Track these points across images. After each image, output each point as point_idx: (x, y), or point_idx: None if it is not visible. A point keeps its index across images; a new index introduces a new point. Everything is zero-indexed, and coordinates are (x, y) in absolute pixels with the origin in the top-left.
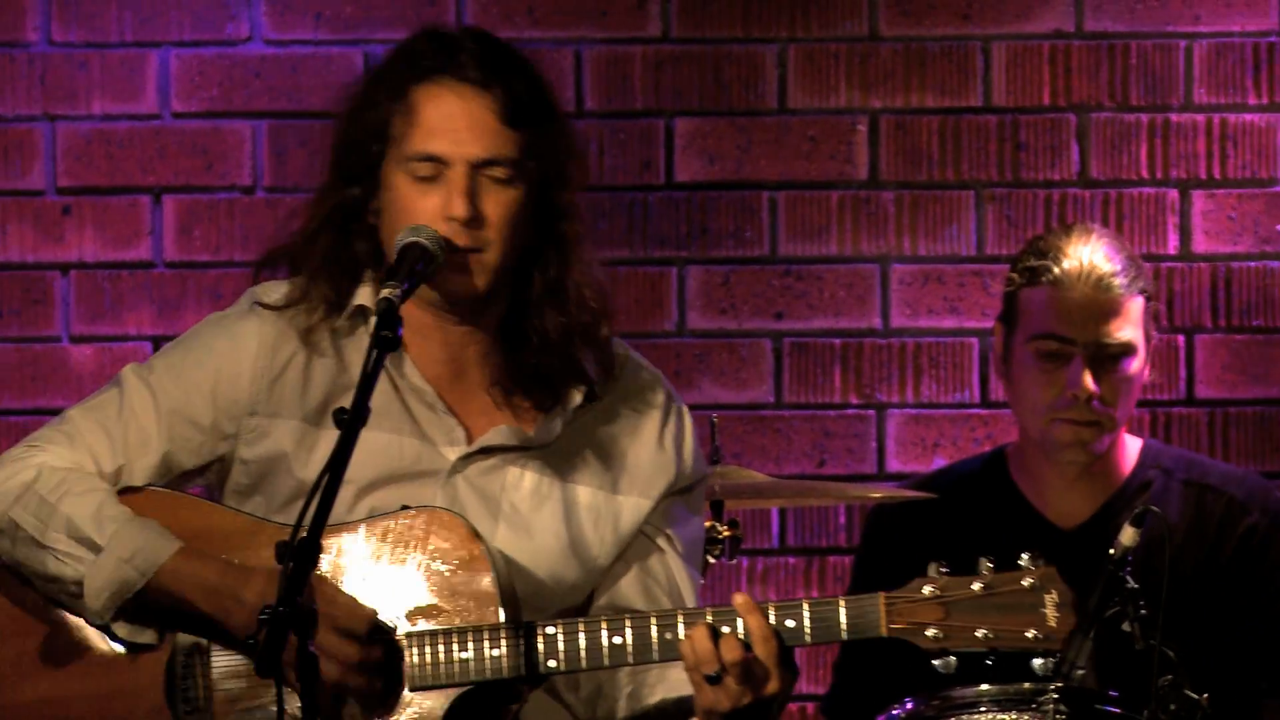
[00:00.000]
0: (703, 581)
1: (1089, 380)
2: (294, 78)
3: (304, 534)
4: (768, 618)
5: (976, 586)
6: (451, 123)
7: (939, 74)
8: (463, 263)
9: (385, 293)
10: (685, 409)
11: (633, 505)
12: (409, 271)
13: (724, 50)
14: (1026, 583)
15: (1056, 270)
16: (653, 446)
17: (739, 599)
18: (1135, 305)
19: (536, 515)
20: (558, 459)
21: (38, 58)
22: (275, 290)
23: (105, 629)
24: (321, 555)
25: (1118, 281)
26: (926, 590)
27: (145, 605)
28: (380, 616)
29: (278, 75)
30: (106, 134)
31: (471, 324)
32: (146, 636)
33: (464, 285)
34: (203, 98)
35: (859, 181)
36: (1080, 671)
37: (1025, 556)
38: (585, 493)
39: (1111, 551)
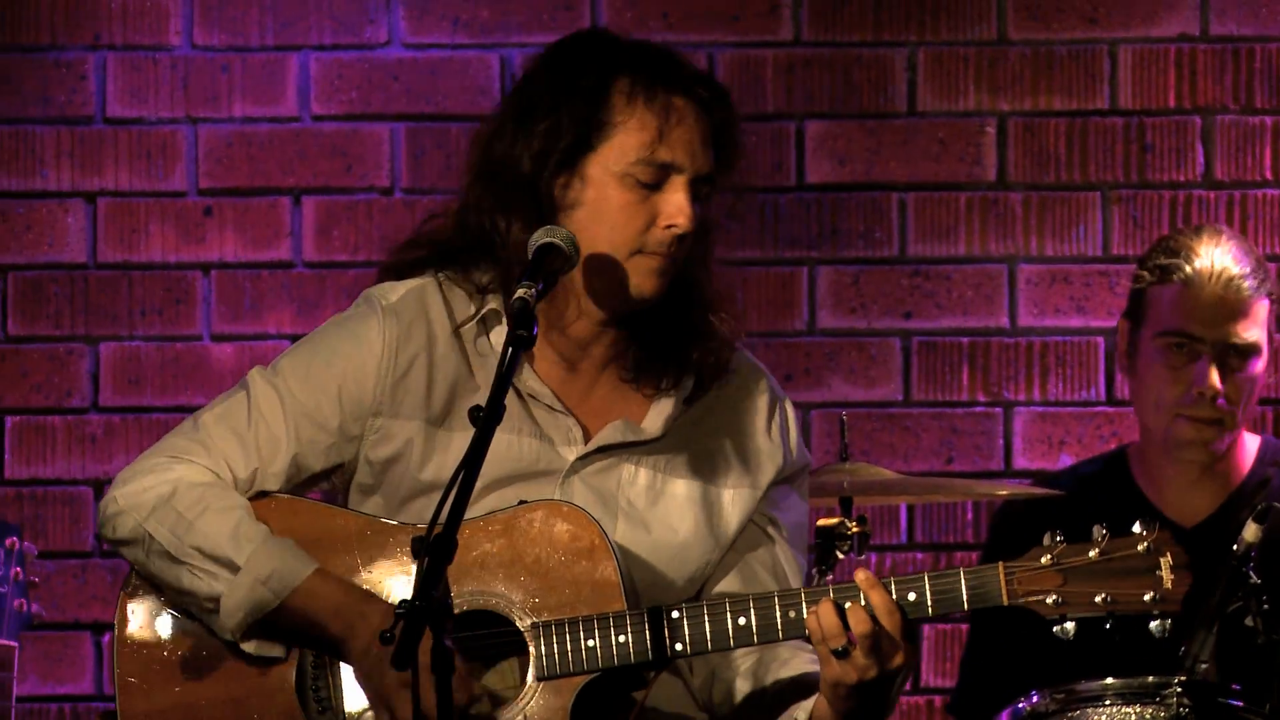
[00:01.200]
0: (803, 565)
1: (1215, 378)
2: (431, 80)
3: (439, 530)
4: (890, 592)
5: (1093, 553)
6: (691, 135)
7: (1066, 77)
8: (660, 267)
9: (520, 292)
10: (788, 400)
11: (744, 496)
12: (545, 272)
13: (854, 54)
14: (1141, 547)
15: (1188, 269)
16: (760, 438)
17: (861, 575)
18: (1262, 307)
19: (652, 511)
20: (669, 455)
21: (180, 61)
22: (395, 291)
23: (233, 643)
24: None
25: (1247, 284)
26: (1044, 559)
27: (275, 624)
28: (503, 609)
29: (415, 78)
30: (247, 136)
31: (614, 323)
32: (275, 651)
33: (653, 288)
34: (342, 100)
35: (987, 183)
36: (1204, 666)
37: (1138, 522)
38: (697, 487)
39: (1234, 548)
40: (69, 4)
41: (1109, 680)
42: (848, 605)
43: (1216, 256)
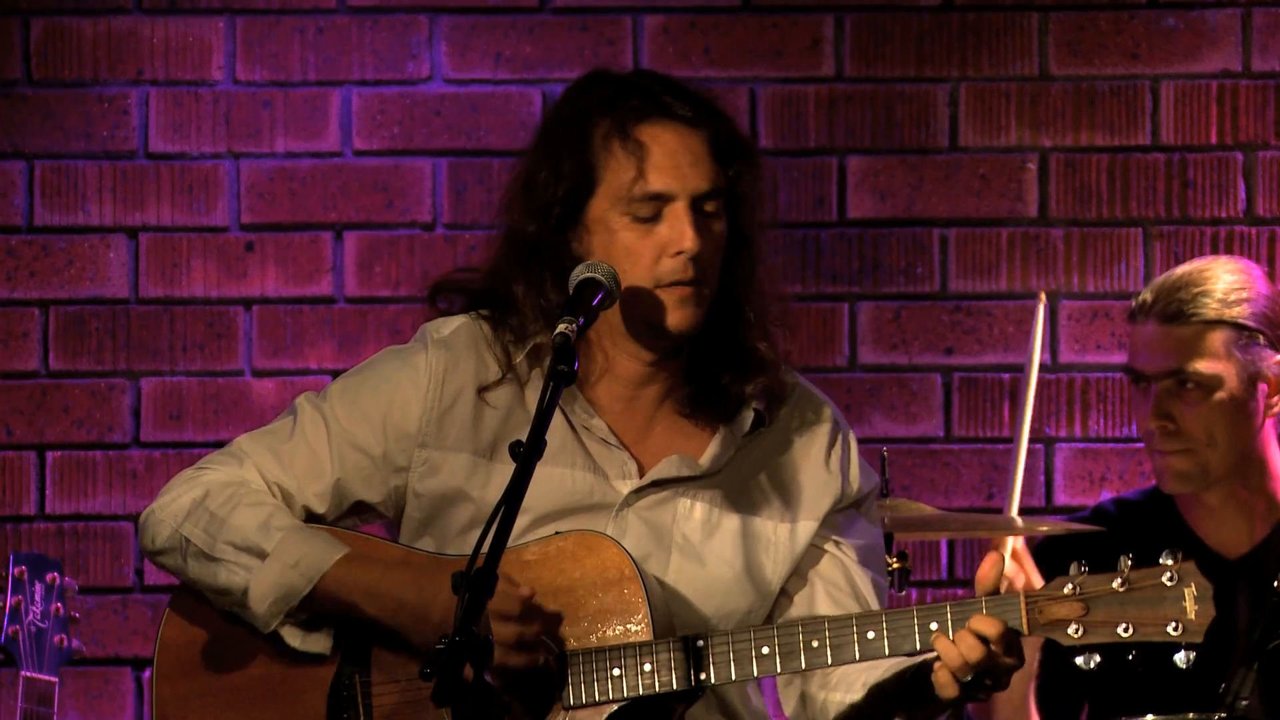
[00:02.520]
0: (884, 586)
1: (1161, 414)
2: (473, 116)
3: (479, 564)
4: (996, 620)
5: (1116, 583)
6: (675, 159)
7: (1108, 112)
8: (686, 296)
9: (562, 328)
10: (850, 432)
11: (803, 529)
12: (585, 307)
13: (896, 89)
14: (1166, 578)
15: (1135, 303)
16: (819, 470)
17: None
18: (1218, 336)
19: (708, 545)
20: (727, 488)
21: (222, 96)
22: (448, 325)
23: (276, 638)
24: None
25: (1190, 310)
26: (1067, 588)
27: (315, 613)
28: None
29: (457, 114)
30: (289, 171)
31: (665, 358)
32: (319, 645)
33: (687, 319)
34: (384, 136)
35: (1029, 219)
36: (1244, 702)
37: (1165, 553)
38: (756, 520)
39: (1276, 584)
40: (112, 39)
41: (1149, 717)
42: (956, 635)
43: (1168, 287)
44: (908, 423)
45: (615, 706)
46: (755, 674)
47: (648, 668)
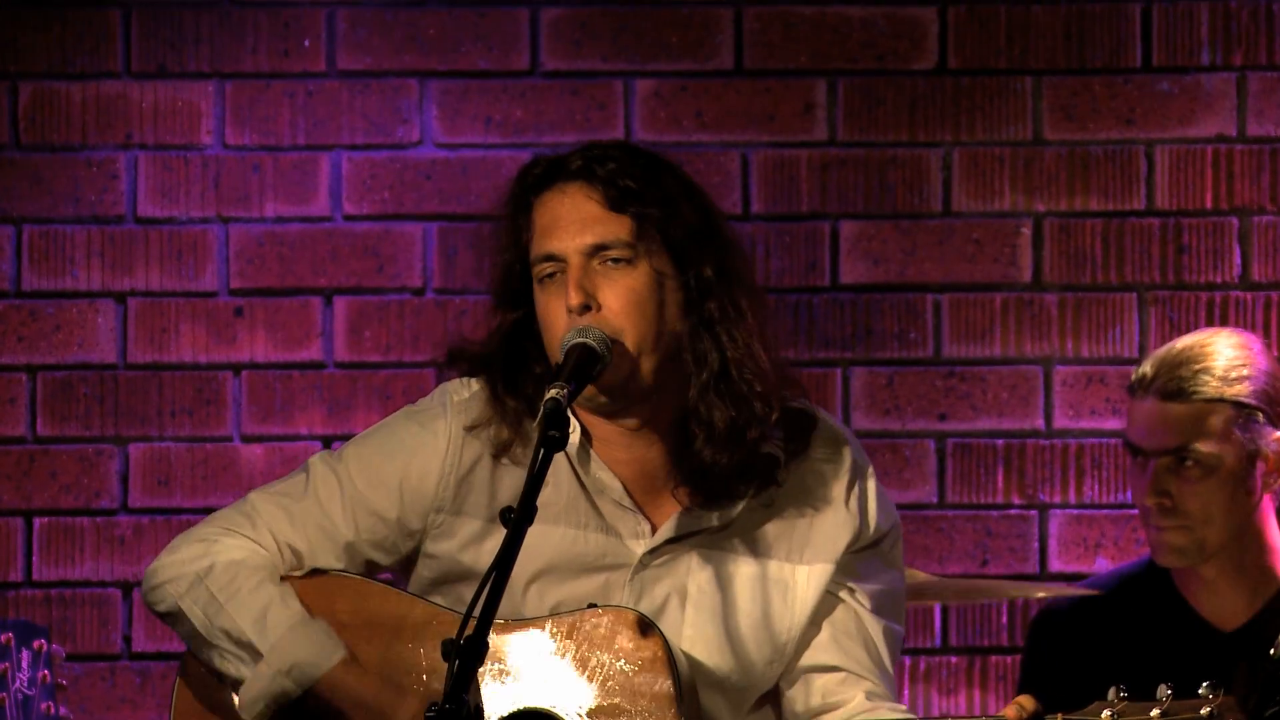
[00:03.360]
0: (900, 634)
1: (1158, 491)
2: (464, 180)
3: (470, 631)
4: None
5: (1155, 713)
6: (557, 219)
7: (1102, 177)
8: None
9: (552, 393)
10: (870, 469)
11: (818, 571)
12: (574, 372)
13: (889, 154)
14: (1205, 711)
15: (1134, 376)
16: (838, 509)
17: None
18: (1218, 415)
19: (724, 596)
20: (741, 536)
21: (211, 160)
22: (467, 387)
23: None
24: (506, 650)
25: (1190, 388)
26: (1105, 714)
27: (301, 709)
28: (560, 710)
29: (448, 178)
30: (278, 236)
31: (641, 424)
32: None
33: (611, 378)
34: (374, 200)
35: (1023, 284)
36: None
37: (1205, 685)
38: (771, 566)
39: (1272, 652)
40: (100, 103)
41: None
42: None
43: (1168, 361)
44: (901, 488)
45: None
46: None
47: None
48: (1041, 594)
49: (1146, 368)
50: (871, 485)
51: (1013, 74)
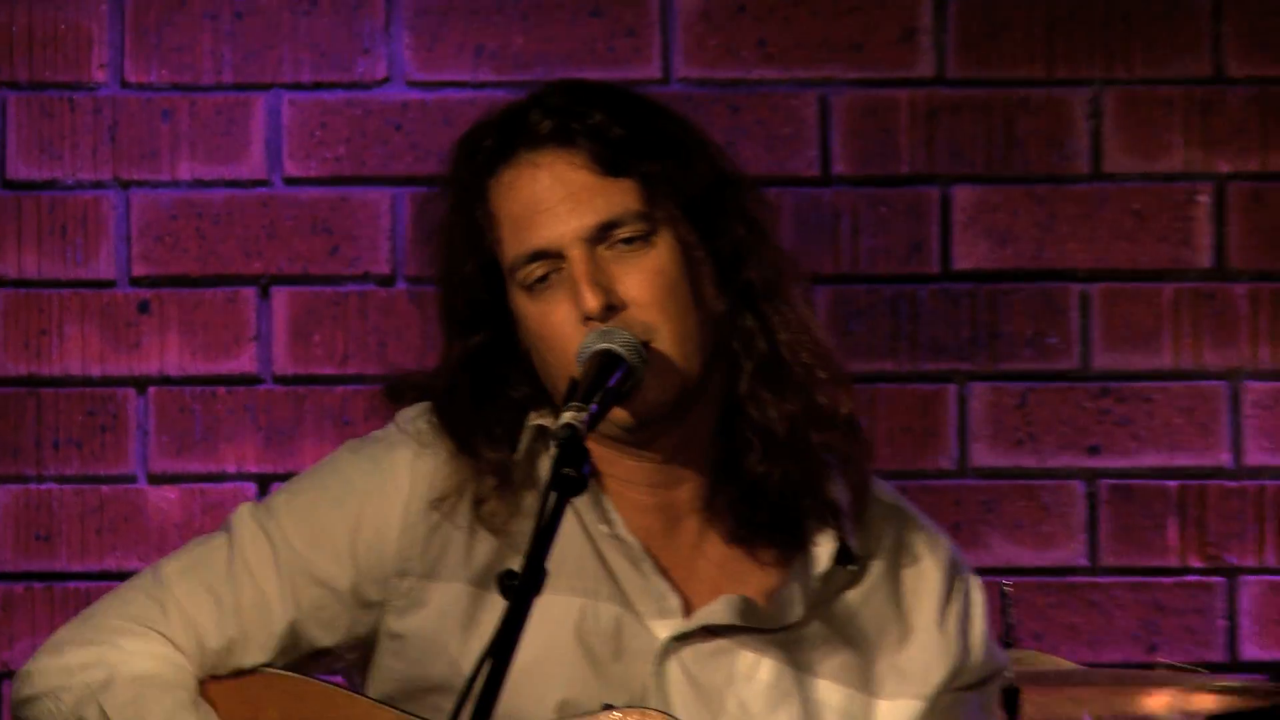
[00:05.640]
0: None
1: None
2: (447, 132)
3: None
4: None
5: None
6: (540, 203)
7: None
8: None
9: (568, 417)
10: (975, 579)
11: (901, 710)
12: (596, 388)
13: (1018, 95)
14: None
15: None
16: (929, 630)
17: None
18: None
19: (772, 718)
20: (802, 643)
21: (105, 104)
22: (428, 412)
23: None
24: None
25: None
26: None
27: None
28: None
29: (425, 128)
30: (197, 206)
31: (668, 456)
32: None
33: (649, 395)
34: (325, 158)
35: (1200, 270)
36: None
37: None
38: (837, 692)
39: None
40: None
41: None
42: None
43: None
44: (1039, 547)
45: None
46: None
47: None
48: (1229, 692)
49: None
50: (976, 603)
51: None
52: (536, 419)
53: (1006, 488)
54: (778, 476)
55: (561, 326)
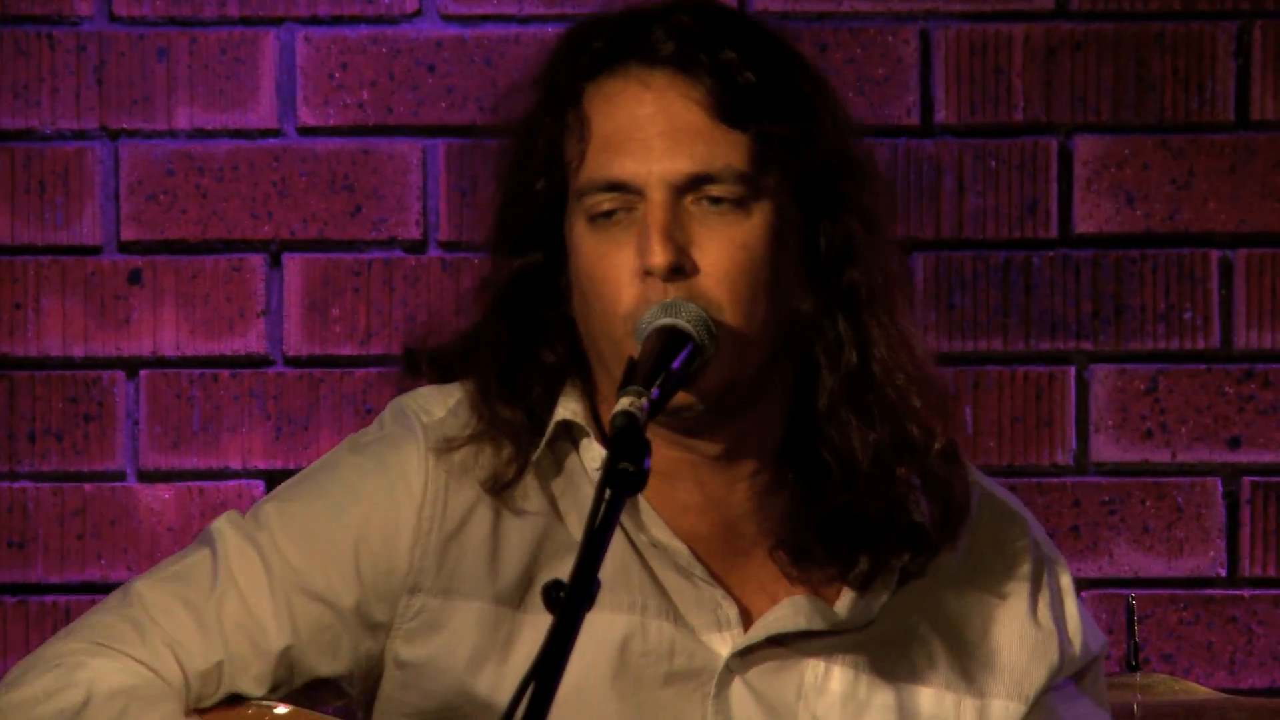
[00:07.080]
0: None
1: None
2: (487, 73)
3: None
4: None
5: None
6: (637, 128)
7: None
8: None
9: (625, 403)
10: (1062, 564)
11: (999, 711)
12: (659, 370)
13: (1151, 30)
14: None
15: None
16: (1022, 622)
17: None
18: None
19: None
20: (880, 646)
21: (90, 40)
22: (439, 400)
23: None
24: None
25: None
26: None
27: None
28: None
29: (462, 70)
30: (197, 159)
31: (724, 451)
32: None
33: (710, 379)
34: (346, 104)
35: None
36: None
37: None
38: (926, 696)
39: None
40: None
41: None
42: None
43: None
44: (1170, 554)
45: None
46: None
47: None
48: None
49: None
50: (1066, 587)
51: None
52: (564, 410)
53: (1133, 486)
54: (856, 509)
55: (616, 271)
